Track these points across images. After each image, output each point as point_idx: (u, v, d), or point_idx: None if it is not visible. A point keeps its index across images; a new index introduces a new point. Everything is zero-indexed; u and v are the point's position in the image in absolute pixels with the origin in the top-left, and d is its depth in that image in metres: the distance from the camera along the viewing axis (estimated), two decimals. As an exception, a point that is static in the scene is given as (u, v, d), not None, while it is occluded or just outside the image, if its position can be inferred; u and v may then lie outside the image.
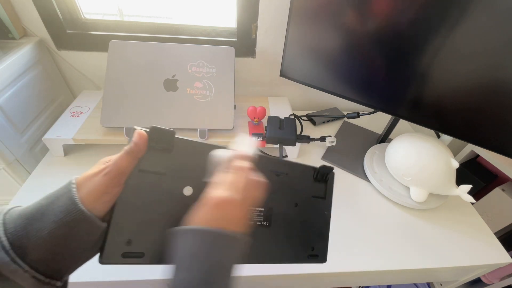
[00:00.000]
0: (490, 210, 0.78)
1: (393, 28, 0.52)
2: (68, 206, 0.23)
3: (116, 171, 0.25)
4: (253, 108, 0.68)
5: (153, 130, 0.27)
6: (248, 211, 0.27)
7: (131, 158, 0.26)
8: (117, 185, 0.25)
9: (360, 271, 0.49)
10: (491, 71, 0.46)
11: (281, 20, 0.71)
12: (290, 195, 0.35)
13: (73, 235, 0.23)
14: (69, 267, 0.25)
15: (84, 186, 0.24)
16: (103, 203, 0.25)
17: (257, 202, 0.28)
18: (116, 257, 0.26)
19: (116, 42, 0.63)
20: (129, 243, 0.26)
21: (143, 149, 0.27)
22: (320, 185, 0.38)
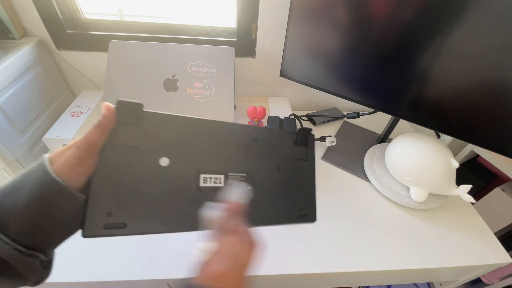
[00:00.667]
0: (490, 210, 0.78)
1: (393, 28, 0.52)
2: (41, 177, 0.23)
3: (87, 143, 0.26)
4: (253, 108, 0.68)
5: (121, 104, 0.28)
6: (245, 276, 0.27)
7: (101, 131, 0.27)
8: (89, 156, 0.26)
9: (360, 271, 0.49)
10: (491, 71, 0.46)
11: (281, 20, 0.71)
12: (271, 159, 0.37)
13: (51, 205, 0.23)
14: (52, 240, 0.25)
15: (57, 160, 0.25)
16: (78, 174, 0.25)
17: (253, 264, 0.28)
18: (98, 229, 0.26)
19: (116, 42, 0.63)
20: (110, 215, 0.27)
21: (111, 121, 0.27)
22: (301, 148, 0.39)
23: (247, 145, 0.35)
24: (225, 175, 0.33)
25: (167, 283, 0.48)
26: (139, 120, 0.29)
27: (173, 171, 0.30)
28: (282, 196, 0.36)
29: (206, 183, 0.32)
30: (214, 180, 0.32)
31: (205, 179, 0.32)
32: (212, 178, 0.32)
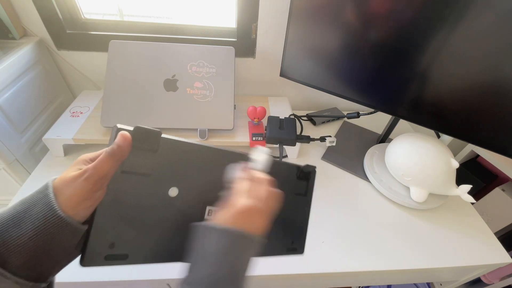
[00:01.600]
0: (490, 210, 0.78)
1: (393, 28, 0.52)
2: (46, 212, 0.22)
3: (97, 175, 0.23)
4: (253, 108, 0.68)
5: (138, 131, 0.26)
6: (267, 219, 0.28)
7: (114, 162, 0.24)
8: (98, 189, 0.24)
9: (360, 271, 0.49)
10: (491, 71, 0.46)
11: (281, 20, 0.71)
12: None
13: (54, 241, 0.23)
14: (52, 270, 0.25)
15: (63, 191, 0.23)
16: (84, 209, 0.24)
17: (275, 211, 0.30)
18: (98, 260, 0.25)
19: (116, 42, 0.63)
20: (112, 246, 0.26)
21: (126, 152, 0.25)
22: (302, 183, 0.39)
23: None
24: None
25: (167, 283, 0.48)
26: (155, 146, 0.27)
27: (180, 202, 0.29)
28: (277, 229, 0.35)
29: (210, 215, 0.31)
30: None
31: (210, 211, 0.31)
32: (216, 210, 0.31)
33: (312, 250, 0.51)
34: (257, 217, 0.27)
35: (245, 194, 0.27)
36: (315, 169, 0.39)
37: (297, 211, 0.38)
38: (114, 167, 0.25)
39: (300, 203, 0.39)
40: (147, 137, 0.27)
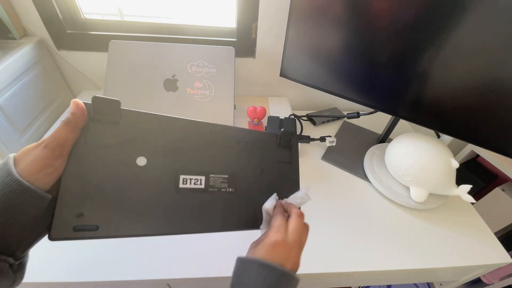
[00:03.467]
0: (490, 210, 0.78)
1: (393, 28, 0.52)
2: (4, 178, 0.22)
3: (55, 142, 0.24)
4: (253, 108, 0.68)
5: (96, 100, 0.26)
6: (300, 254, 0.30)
7: (69, 128, 0.25)
8: (58, 156, 0.24)
9: (360, 271, 0.49)
10: (491, 71, 0.46)
11: (281, 20, 0.71)
12: (254, 161, 0.36)
13: (16, 207, 0.22)
14: (20, 242, 0.24)
15: (23, 160, 0.24)
16: (46, 175, 0.24)
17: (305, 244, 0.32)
18: (66, 231, 0.25)
19: (116, 42, 0.63)
20: (81, 216, 0.25)
21: (81, 119, 0.26)
22: (285, 151, 0.38)
23: (230, 146, 0.34)
24: (206, 176, 0.32)
25: (167, 283, 0.48)
26: (116, 118, 0.28)
27: (150, 171, 0.29)
28: (263, 199, 0.35)
29: (186, 184, 0.31)
30: (194, 182, 0.31)
31: (184, 180, 0.31)
32: (192, 179, 0.31)
33: (312, 250, 0.51)
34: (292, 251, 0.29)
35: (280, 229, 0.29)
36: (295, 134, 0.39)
37: (284, 179, 0.38)
38: (72, 134, 0.25)
39: (286, 171, 0.38)
40: (107, 107, 0.27)
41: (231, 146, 0.34)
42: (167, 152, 0.30)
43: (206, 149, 0.33)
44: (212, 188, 0.32)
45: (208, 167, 0.33)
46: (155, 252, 0.48)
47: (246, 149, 0.36)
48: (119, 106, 0.28)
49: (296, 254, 0.29)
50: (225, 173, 0.33)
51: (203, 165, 0.32)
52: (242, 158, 0.35)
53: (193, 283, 0.47)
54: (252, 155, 0.36)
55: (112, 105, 0.27)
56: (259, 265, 0.27)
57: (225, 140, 0.34)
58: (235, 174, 0.34)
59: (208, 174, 0.32)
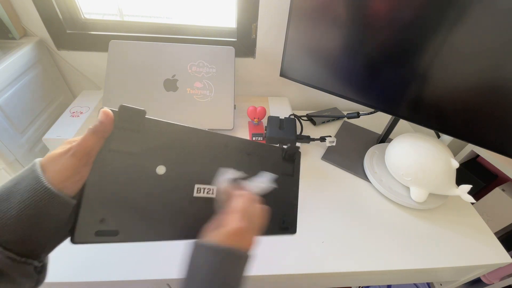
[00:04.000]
0: (490, 210, 0.78)
1: (393, 28, 0.52)
2: (33, 185, 0.23)
3: (82, 151, 0.25)
4: (253, 108, 0.68)
5: (122, 109, 0.27)
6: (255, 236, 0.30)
7: (97, 138, 0.26)
8: (85, 164, 0.25)
9: (360, 271, 0.49)
10: (491, 71, 0.46)
11: (281, 20, 0.71)
12: (260, 172, 0.38)
13: (43, 214, 0.23)
14: (45, 246, 0.25)
15: (50, 167, 0.24)
16: (73, 183, 0.24)
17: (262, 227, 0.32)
18: (89, 236, 0.26)
19: (116, 42, 0.63)
20: (103, 221, 0.26)
21: (109, 128, 0.26)
22: (288, 164, 0.41)
23: (241, 158, 0.36)
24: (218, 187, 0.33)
25: (167, 283, 0.48)
26: (139, 126, 0.29)
27: (168, 180, 0.30)
28: (269, 208, 0.36)
29: (200, 193, 0.32)
30: (207, 191, 0.32)
31: (198, 189, 0.32)
32: (205, 188, 0.32)
33: (312, 250, 0.51)
34: (248, 236, 0.29)
35: (239, 214, 0.29)
36: (299, 150, 0.41)
37: (286, 191, 0.40)
38: (98, 143, 0.26)
39: (288, 183, 0.40)
40: (132, 116, 0.28)
41: (242, 158, 0.36)
42: (185, 162, 0.31)
43: (220, 161, 0.34)
44: None
45: None
46: (155, 252, 0.48)
47: (254, 161, 0.37)
48: (144, 116, 0.29)
49: (251, 237, 0.30)
50: None
51: (214, 175, 0.33)
52: (251, 169, 0.37)
53: (193, 283, 0.47)
54: (259, 167, 0.38)
55: (138, 114, 0.28)
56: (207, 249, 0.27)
57: (238, 152, 0.36)
58: None
59: None
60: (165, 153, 0.30)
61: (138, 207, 0.28)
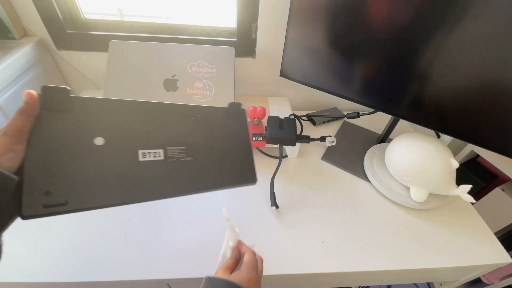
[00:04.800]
0: (490, 210, 0.78)
1: (393, 28, 0.52)
2: None
3: (12, 129, 0.27)
4: (253, 108, 0.68)
5: (46, 89, 0.29)
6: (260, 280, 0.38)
7: (25, 117, 0.28)
8: (18, 142, 0.27)
9: (360, 271, 0.49)
10: (491, 71, 0.46)
11: (281, 20, 0.71)
12: (208, 132, 0.41)
13: None
14: None
15: None
16: (8, 160, 0.26)
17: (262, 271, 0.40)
18: (37, 208, 0.27)
19: (116, 42, 0.63)
20: (48, 194, 0.27)
21: (34, 107, 0.28)
22: (235, 121, 0.44)
23: (183, 122, 0.39)
24: (164, 149, 0.36)
25: (167, 283, 0.48)
26: (68, 106, 0.31)
27: (109, 149, 0.32)
28: (222, 163, 0.40)
29: (146, 157, 0.34)
30: (153, 155, 0.35)
31: (143, 154, 0.34)
32: (151, 152, 0.35)
33: (312, 250, 0.51)
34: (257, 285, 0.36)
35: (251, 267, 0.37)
36: (242, 107, 0.44)
37: (237, 145, 0.43)
38: (28, 121, 0.28)
39: (237, 138, 0.43)
40: (58, 95, 0.30)
41: (184, 121, 0.39)
42: (123, 132, 0.34)
43: (161, 127, 0.37)
44: (171, 158, 0.36)
45: (165, 142, 0.36)
46: (155, 252, 0.48)
47: (199, 122, 0.40)
48: (68, 94, 0.31)
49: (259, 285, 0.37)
50: (181, 145, 0.38)
51: (159, 140, 0.36)
52: (196, 130, 0.40)
53: (193, 283, 0.47)
54: (204, 127, 0.41)
55: (62, 93, 0.30)
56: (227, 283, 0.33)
57: (178, 117, 0.39)
58: (192, 145, 0.38)
59: (165, 147, 0.36)
60: (100, 127, 0.32)
61: (83, 177, 0.30)
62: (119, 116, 0.34)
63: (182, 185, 0.36)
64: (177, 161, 0.36)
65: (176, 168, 0.36)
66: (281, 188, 0.62)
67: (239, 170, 0.42)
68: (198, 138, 0.39)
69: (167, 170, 0.35)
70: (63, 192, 0.28)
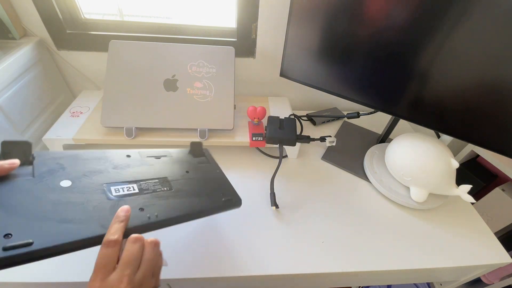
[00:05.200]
0: (490, 210, 0.78)
1: (393, 28, 0.52)
2: None
3: None
4: (253, 108, 0.68)
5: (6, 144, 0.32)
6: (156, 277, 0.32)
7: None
8: None
9: (360, 271, 0.49)
10: (492, 70, 0.46)
11: (281, 20, 0.71)
12: (177, 167, 0.43)
13: None
14: None
15: None
16: None
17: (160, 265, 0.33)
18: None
19: (116, 42, 0.63)
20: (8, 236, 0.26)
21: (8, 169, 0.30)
22: (201, 158, 0.47)
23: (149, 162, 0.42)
24: (137, 183, 0.38)
25: (167, 283, 0.48)
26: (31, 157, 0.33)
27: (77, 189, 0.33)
28: (200, 190, 0.41)
29: (119, 192, 0.36)
30: (127, 189, 0.36)
31: (116, 189, 0.36)
32: (124, 187, 0.36)
33: (312, 250, 0.51)
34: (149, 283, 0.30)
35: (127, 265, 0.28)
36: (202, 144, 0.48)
37: (211, 174, 0.46)
38: None
39: (208, 168, 0.46)
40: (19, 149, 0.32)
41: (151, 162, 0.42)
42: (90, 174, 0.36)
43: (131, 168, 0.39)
44: (147, 191, 0.37)
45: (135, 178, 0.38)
46: (155, 252, 0.48)
47: (167, 161, 0.43)
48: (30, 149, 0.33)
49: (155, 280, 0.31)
50: (154, 178, 0.40)
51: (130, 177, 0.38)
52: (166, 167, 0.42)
53: (193, 283, 0.47)
54: (172, 164, 0.44)
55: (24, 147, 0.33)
56: None
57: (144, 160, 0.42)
58: (165, 177, 0.40)
59: (138, 182, 0.38)
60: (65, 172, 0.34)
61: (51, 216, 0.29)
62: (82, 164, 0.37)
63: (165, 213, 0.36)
64: (154, 192, 0.38)
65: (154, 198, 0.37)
66: (281, 188, 0.62)
67: (220, 194, 0.43)
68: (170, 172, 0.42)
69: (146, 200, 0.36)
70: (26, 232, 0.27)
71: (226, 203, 0.42)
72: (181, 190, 0.40)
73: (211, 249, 0.49)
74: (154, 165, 0.42)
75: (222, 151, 0.69)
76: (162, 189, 0.39)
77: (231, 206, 0.43)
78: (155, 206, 0.36)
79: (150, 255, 0.31)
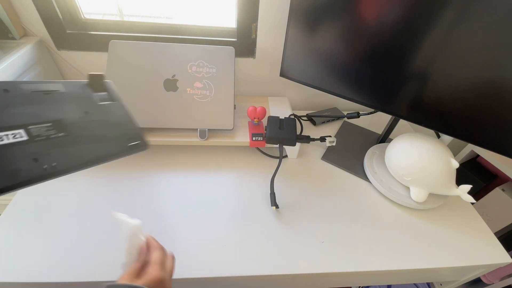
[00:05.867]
0: (490, 210, 0.78)
1: (393, 27, 0.52)
2: None
3: None
4: (253, 108, 0.68)
5: None
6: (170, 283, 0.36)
7: None
8: None
9: (360, 271, 0.49)
10: (491, 70, 0.46)
11: (281, 20, 0.71)
12: (74, 107, 0.38)
13: None
14: None
15: None
16: None
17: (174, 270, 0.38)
18: None
19: (116, 42, 0.63)
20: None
21: None
22: (103, 94, 0.42)
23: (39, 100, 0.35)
24: (25, 128, 0.32)
25: (167, 283, 0.47)
26: None
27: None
28: (103, 135, 0.37)
29: (3, 141, 0.31)
30: (12, 136, 0.31)
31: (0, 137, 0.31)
32: (8, 134, 0.31)
33: (312, 250, 0.51)
34: (167, 284, 0.35)
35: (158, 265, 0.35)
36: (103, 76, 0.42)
37: (115, 115, 0.41)
38: None
39: (112, 108, 0.41)
40: None
41: (39, 98, 0.36)
42: None
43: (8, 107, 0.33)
44: (39, 137, 0.33)
45: (22, 121, 0.33)
46: (155, 252, 0.48)
47: (60, 98, 0.37)
48: None
49: (169, 285, 0.35)
50: (46, 122, 0.34)
51: (14, 121, 0.32)
52: (59, 106, 0.37)
53: (193, 283, 0.47)
54: (69, 102, 0.38)
55: None
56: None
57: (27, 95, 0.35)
58: (60, 120, 0.35)
59: (26, 126, 0.33)
60: None
61: None
62: None
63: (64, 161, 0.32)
64: (48, 139, 0.33)
65: (49, 146, 0.33)
66: (281, 188, 0.62)
67: (126, 137, 0.39)
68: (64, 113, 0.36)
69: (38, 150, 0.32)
70: None
71: (132, 148, 0.39)
72: (80, 136, 0.36)
73: (211, 249, 0.49)
74: (44, 104, 0.36)
75: (222, 151, 0.69)
76: (58, 135, 0.34)
77: (138, 150, 0.39)
78: (51, 155, 0.32)
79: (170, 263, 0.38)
